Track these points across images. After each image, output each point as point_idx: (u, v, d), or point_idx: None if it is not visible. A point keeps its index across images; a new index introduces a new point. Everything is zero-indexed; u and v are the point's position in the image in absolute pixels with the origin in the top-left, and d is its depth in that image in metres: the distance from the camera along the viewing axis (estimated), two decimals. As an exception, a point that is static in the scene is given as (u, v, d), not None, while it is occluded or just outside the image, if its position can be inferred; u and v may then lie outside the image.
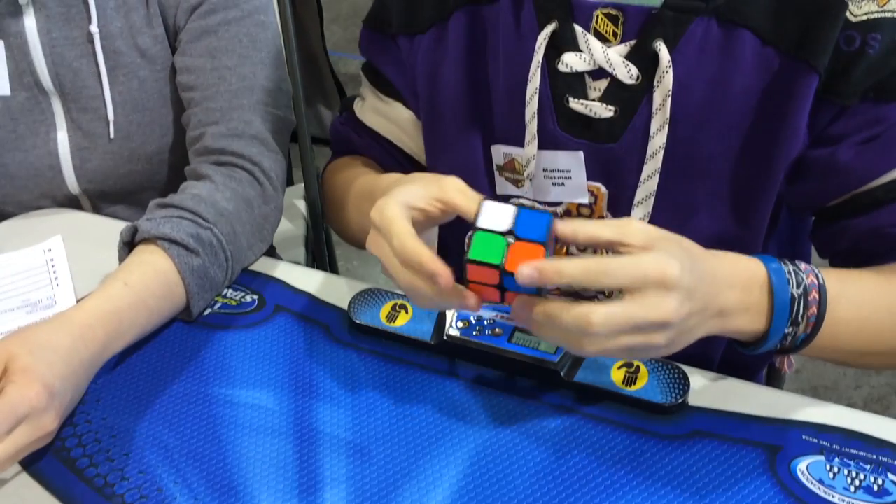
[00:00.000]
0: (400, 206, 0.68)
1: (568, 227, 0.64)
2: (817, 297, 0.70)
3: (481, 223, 0.63)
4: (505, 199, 0.89)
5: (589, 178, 0.83)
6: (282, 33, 1.15)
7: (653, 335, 0.63)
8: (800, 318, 0.70)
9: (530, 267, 0.60)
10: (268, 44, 1.02)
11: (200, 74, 0.99)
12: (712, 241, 0.80)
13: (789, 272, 0.70)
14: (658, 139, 0.77)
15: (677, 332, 0.64)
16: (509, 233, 0.63)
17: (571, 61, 0.78)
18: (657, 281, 0.61)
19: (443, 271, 0.64)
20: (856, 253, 0.79)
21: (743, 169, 0.79)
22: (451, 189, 0.69)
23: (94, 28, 0.99)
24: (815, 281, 0.71)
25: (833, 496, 0.65)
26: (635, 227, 0.64)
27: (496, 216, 0.63)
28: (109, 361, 0.79)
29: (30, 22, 0.99)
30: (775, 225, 0.84)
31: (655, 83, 0.76)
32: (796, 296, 0.69)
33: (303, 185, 1.38)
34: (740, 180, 0.79)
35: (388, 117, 0.97)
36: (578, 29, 0.78)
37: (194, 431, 0.74)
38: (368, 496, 0.68)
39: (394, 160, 0.99)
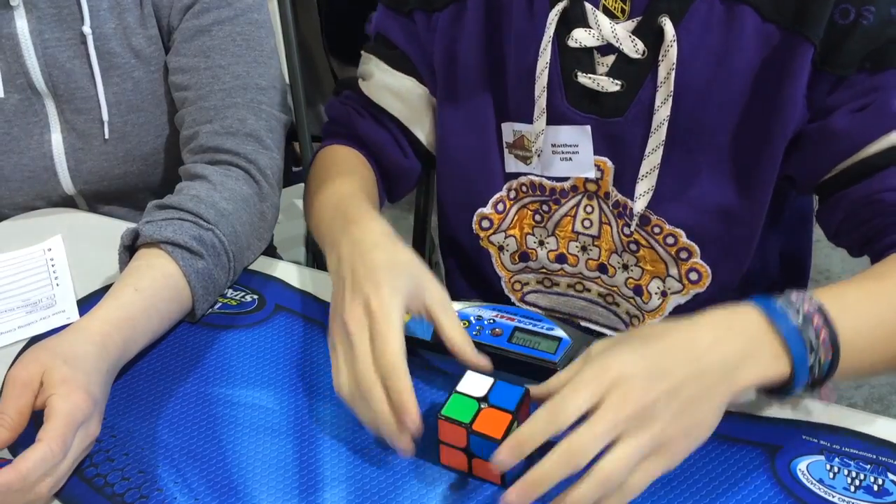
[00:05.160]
0: (398, 309, 0.68)
1: (542, 388, 0.66)
2: (821, 320, 0.65)
3: (460, 387, 0.69)
4: (514, 176, 0.90)
5: (596, 152, 0.85)
6: (282, 33, 1.15)
7: (645, 427, 0.59)
8: (816, 342, 0.65)
9: (506, 448, 0.60)
10: (261, 42, 1.02)
11: (194, 74, 0.99)
12: (715, 213, 0.83)
13: (783, 304, 0.65)
14: (662, 112, 0.80)
15: (675, 411, 0.60)
16: (483, 399, 0.68)
17: (581, 37, 0.82)
18: (603, 382, 0.60)
19: (414, 416, 0.65)
20: (856, 225, 0.79)
21: (744, 141, 0.81)
22: (436, 307, 0.71)
23: (86, 29, 0.99)
24: (811, 304, 0.66)
25: (833, 496, 0.65)
26: (577, 364, 0.64)
27: (475, 384, 0.69)
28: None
29: (21, 23, 0.99)
30: (780, 212, 0.87)
31: (660, 57, 0.79)
32: (800, 324, 0.64)
33: (303, 184, 1.38)
34: (742, 152, 0.81)
35: (398, 94, 0.96)
36: (588, 6, 0.81)
37: (194, 431, 0.74)
38: (368, 496, 0.68)
39: (394, 144, 0.98)
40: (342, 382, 0.69)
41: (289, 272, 0.94)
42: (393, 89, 0.96)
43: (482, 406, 0.68)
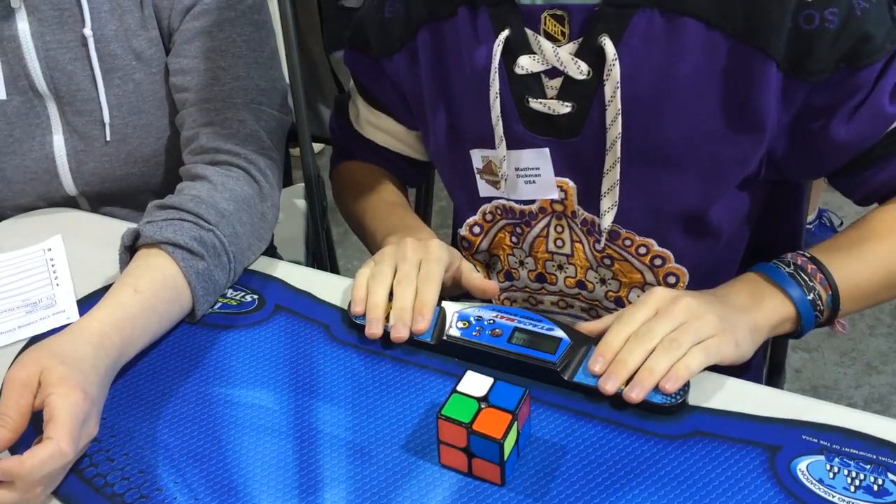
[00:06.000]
0: (444, 262, 0.83)
1: (595, 323, 0.78)
2: (814, 267, 0.79)
3: (460, 387, 0.69)
4: (487, 200, 0.93)
5: (557, 174, 0.86)
6: (282, 33, 1.15)
7: (698, 318, 0.72)
8: (812, 283, 0.78)
9: (596, 358, 0.73)
10: (262, 43, 1.02)
11: (195, 75, 0.99)
12: (683, 219, 0.84)
13: (776, 262, 0.80)
14: (614, 129, 0.80)
15: (717, 313, 0.73)
16: (483, 399, 0.68)
17: (526, 63, 0.83)
18: (656, 300, 0.74)
19: (426, 322, 0.80)
20: (882, 197, 0.86)
21: (705, 148, 0.81)
22: (465, 267, 0.87)
23: (87, 31, 0.99)
24: (802, 258, 0.80)
25: (833, 496, 0.65)
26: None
27: (475, 384, 0.70)
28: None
29: (23, 25, 0.99)
30: (753, 205, 0.89)
31: (605, 76, 0.79)
32: (790, 269, 0.79)
33: (303, 184, 1.38)
34: (705, 159, 0.82)
35: (382, 129, 1.02)
36: (530, 32, 0.82)
37: (194, 431, 0.74)
38: (368, 496, 0.68)
39: (394, 165, 1.05)
40: (371, 265, 0.84)
41: (289, 272, 0.94)
42: (377, 125, 1.02)
43: (482, 406, 0.68)
